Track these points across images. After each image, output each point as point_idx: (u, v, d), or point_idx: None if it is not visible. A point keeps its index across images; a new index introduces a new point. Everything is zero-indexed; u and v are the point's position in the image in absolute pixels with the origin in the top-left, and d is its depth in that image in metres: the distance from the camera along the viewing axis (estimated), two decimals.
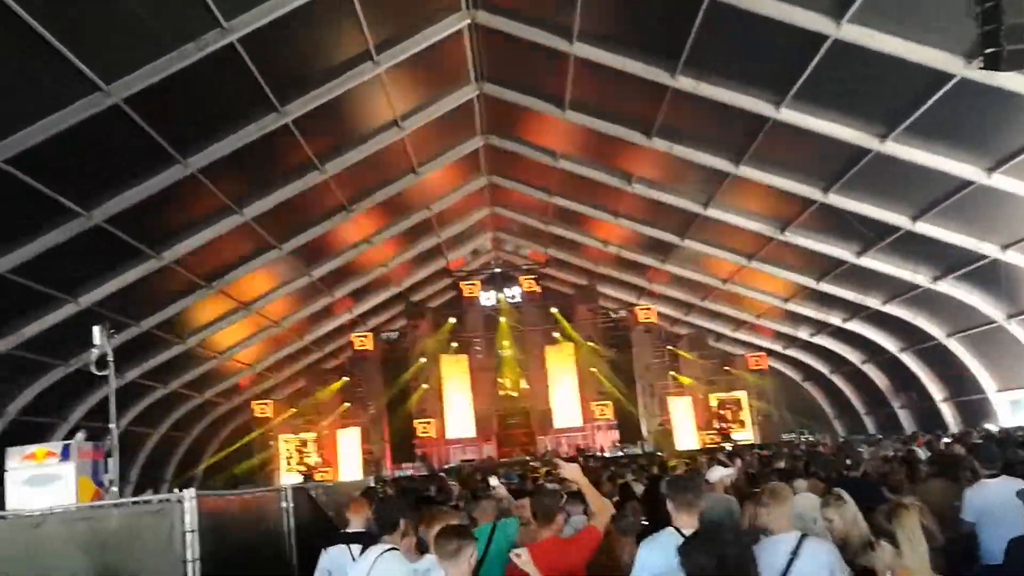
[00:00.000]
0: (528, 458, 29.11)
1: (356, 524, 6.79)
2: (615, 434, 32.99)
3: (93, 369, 8.58)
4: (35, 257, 14.73)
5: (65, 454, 6.99)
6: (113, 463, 7.63)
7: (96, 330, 8.52)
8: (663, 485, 6.03)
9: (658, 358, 34.00)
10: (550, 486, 7.71)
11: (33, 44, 10.92)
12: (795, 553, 4.73)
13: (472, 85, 18.85)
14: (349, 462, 31.95)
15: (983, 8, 8.58)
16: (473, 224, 28.98)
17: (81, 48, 11.58)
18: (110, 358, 8.48)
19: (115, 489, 7.58)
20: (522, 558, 4.73)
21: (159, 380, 23.73)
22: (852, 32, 12.56)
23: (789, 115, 15.45)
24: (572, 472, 5.53)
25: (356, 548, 6.05)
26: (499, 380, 33.74)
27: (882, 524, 4.22)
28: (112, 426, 8.43)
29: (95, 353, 8.51)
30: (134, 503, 6.64)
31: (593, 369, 33.26)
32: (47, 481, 6.82)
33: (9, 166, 12.54)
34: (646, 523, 6.93)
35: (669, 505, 5.04)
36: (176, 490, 6.41)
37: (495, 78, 18.66)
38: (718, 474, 7.81)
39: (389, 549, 5.36)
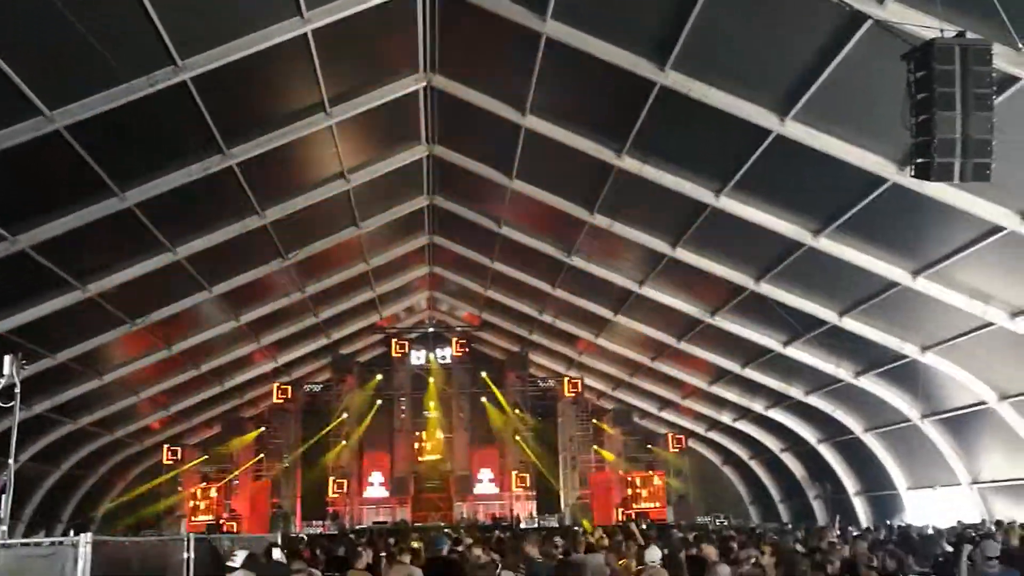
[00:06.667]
0: (443, 524, 28.54)
1: None
2: (533, 504, 32.66)
3: None
4: None
5: None
6: (5, 500, 7.20)
7: (7, 359, 8.12)
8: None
9: (582, 431, 33.92)
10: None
11: None
12: None
13: (423, 145, 18.92)
14: (258, 515, 30.88)
15: (917, 120, 8.96)
16: (410, 282, 28.82)
17: (27, 71, 11.34)
18: (17, 389, 8.07)
19: (3, 528, 7.14)
20: None
21: (68, 415, 22.77)
22: (795, 129, 13.01)
23: (728, 203, 15.86)
24: None
25: None
26: (421, 442, 33.20)
27: None
28: (10, 460, 7.98)
29: (2, 383, 8.10)
30: (23, 544, 6.27)
31: (517, 437, 33.01)
32: None
33: None
34: None
35: None
36: (71, 533, 6.09)
37: (446, 140, 18.79)
38: (656, 555, 8.16)
39: None
